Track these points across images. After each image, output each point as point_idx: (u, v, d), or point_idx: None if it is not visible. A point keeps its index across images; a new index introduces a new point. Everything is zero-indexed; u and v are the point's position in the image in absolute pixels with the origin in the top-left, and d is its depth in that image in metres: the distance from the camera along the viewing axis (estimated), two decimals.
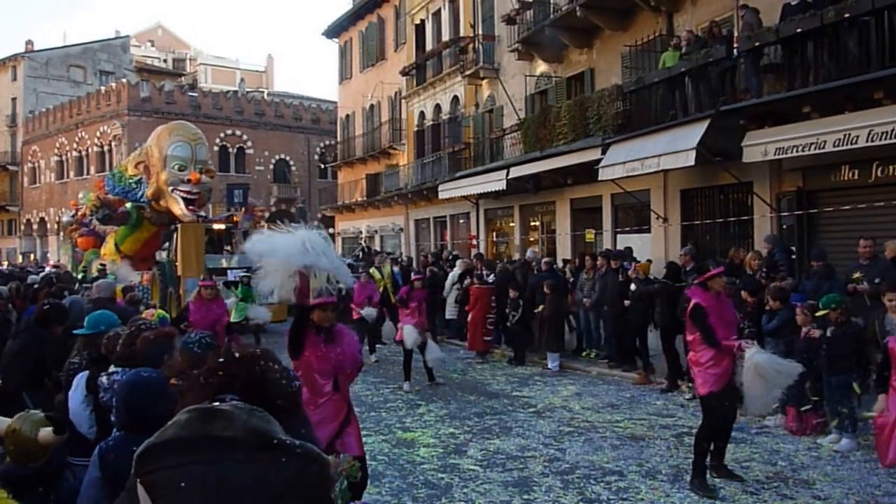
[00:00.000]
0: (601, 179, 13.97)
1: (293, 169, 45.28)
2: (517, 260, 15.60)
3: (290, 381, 1.89)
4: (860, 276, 8.19)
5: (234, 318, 12.67)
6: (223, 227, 18.50)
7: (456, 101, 23.24)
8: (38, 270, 21.64)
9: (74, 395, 4.19)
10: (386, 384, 10.91)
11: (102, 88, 43.49)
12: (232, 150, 43.08)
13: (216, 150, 39.34)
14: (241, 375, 1.75)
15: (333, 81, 34.24)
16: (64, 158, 45.34)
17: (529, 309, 12.47)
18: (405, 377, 10.65)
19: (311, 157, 45.55)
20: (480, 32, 20.98)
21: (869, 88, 9.48)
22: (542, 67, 18.48)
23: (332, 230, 34.29)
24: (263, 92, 53.70)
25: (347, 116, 32.28)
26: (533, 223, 19.77)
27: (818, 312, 7.45)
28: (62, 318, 5.74)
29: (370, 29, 29.70)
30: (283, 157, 44.94)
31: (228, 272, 14.71)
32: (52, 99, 47.12)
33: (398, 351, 11.45)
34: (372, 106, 29.67)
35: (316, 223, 4.34)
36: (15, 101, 49.09)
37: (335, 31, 32.50)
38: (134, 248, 17.94)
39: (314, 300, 4.91)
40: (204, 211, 18.87)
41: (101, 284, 9.02)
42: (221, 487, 1.57)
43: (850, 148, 9.36)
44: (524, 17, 18.00)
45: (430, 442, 7.69)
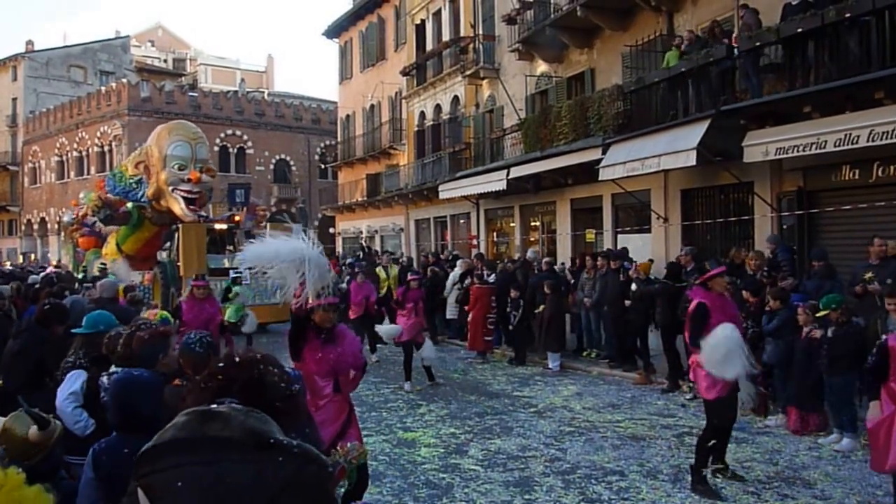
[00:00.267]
0: (602, 179, 13.96)
1: (293, 169, 45.27)
2: (518, 260, 15.60)
3: (289, 384, 1.90)
4: (871, 276, 8.08)
5: (229, 317, 12.66)
6: (225, 226, 18.47)
7: (456, 101, 23.23)
8: (39, 270, 21.61)
9: (61, 390, 4.20)
10: (387, 384, 10.91)
11: (103, 88, 43.48)
12: (232, 150, 43.09)
13: (216, 150, 39.34)
14: (238, 379, 1.75)
15: (334, 81, 34.30)
16: (64, 158, 45.34)
17: (530, 309, 12.48)
18: (406, 377, 10.66)
19: (311, 157, 45.55)
20: (481, 32, 20.97)
21: (870, 88, 9.48)
22: (542, 67, 18.47)
23: (332, 230, 34.32)
24: (264, 92, 53.71)
25: (348, 116, 32.28)
26: (533, 223, 19.76)
27: (819, 313, 7.45)
28: (63, 318, 5.74)
29: (370, 29, 29.70)
30: (283, 157, 44.94)
31: (231, 272, 14.66)
32: (52, 99, 47.13)
33: (399, 351, 11.46)
34: (372, 106, 29.67)
35: (314, 238, 4.21)
36: (15, 101, 49.10)
37: (335, 31, 32.49)
38: (135, 247, 17.92)
39: (316, 301, 4.93)
40: (205, 211, 18.82)
41: (104, 284, 8.98)
42: (218, 487, 1.57)
43: (850, 148, 9.35)
44: (524, 16, 17.99)
45: (431, 442, 7.69)
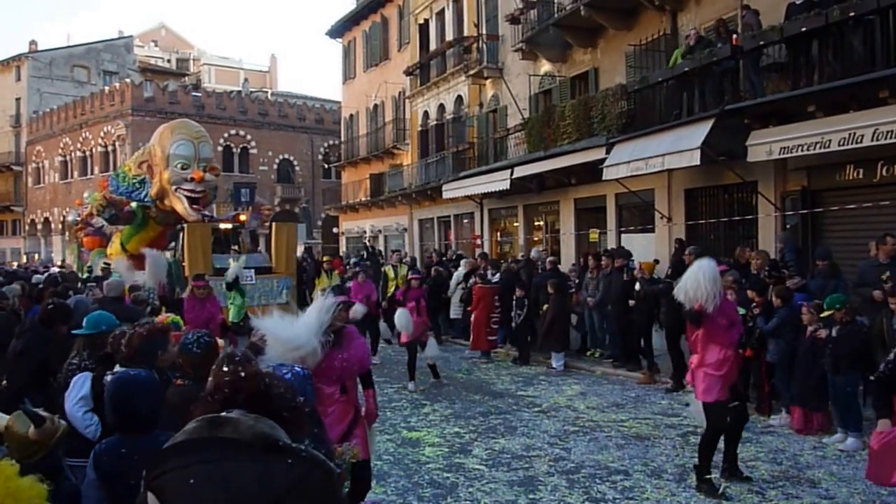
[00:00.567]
0: (605, 179, 13.96)
1: (297, 169, 45.31)
2: (522, 259, 15.59)
3: (294, 395, 1.97)
4: (888, 276, 7.83)
5: (232, 318, 12.66)
6: (230, 226, 18.46)
7: (460, 100, 23.23)
8: (42, 270, 21.66)
9: (70, 395, 4.19)
10: (390, 384, 10.91)
11: (106, 88, 43.56)
12: (236, 150, 43.15)
13: (220, 150, 39.38)
14: (244, 390, 1.79)
15: (337, 81, 34.26)
16: (68, 158, 45.44)
17: (534, 308, 12.47)
18: (410, 377, 10.65)
19: (314, 157, 45.59)
20: (484, 32, 20.96)
21: (874, 87, 9.47)
22: (546, 67, 18.47)
23: (336, 230, 34.34)
24: (267, 92, 53.77)
25: (351, 116, 32.29)
26: (537, 223, 19.75)
27: (823, 313, 7.43)
28: (66, 317, 5.74)
29: (374, 29, 29.71)
30: (286, 157, 44.98)
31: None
32: (55, 99, 47.24)
33: (402, 351, 11.45)
34: (376, 106, 29.68)
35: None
36: (19, 101, 49.21)
37: (339, 30, 32.50)
38: (140, 247, 17.82)
39: None
40: (209, 210, 18.80)
41: (110, 283, 8.95)
42: (229, 485, 1.59)
43: (854, 147, 9.34)
44: (528, 16, 17.99)
45: (435, 441, 7.69)
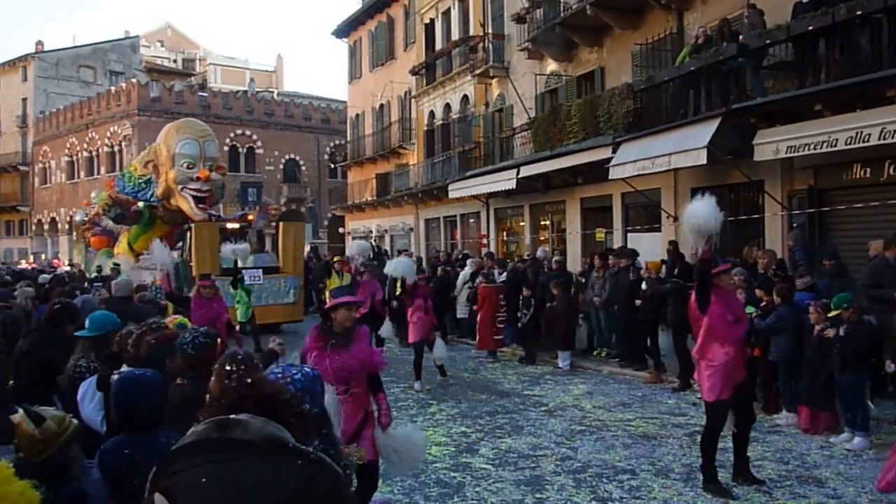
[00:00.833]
0: (612, 178, 13.95)
1: (303, 169, 45.37)
2: (528, 258, 15.59)
3: (300, 402, 2.06)
4: None
5: (239, 318, 12.70)
6: (237, 226, 18.51)
7: (466, 100, 23.23)
8: (50, 271, 21.77)
9: (86, 400, 4.19)
10: (396, 383, 10.92)
11: (112, 89, 43.70)
12: (242, 150, 43.22)
13: (226, 150, 39.48)
14: (251, 396, 1.83)
15: (343, 81, 34.36)
16: (74, 159, 45.59)
17: (540, 308, 12.46)
18: (416, 376, 10.66)
19: (320, 156, 45.64)
20: (490, 31, 20.96)
21: (881, 86, 9.45)
22: (552, 66, 18.46)
23: (342, 229, 34.38)
24: (273, 92, 53.85)
25: (357, 116, 32.32)
26: (543, 222, 19.75)
27: (831, 313, 7.41)
28: (73, 317, 5.76)
29: (379, 28, 29.73)
30: (293, 156, 45.05)
31: (244, 272, 14.64)
32: (62, 99, 47.41)
33: (408, 350, 11.47)
34: (382, 105, 29.70)
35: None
36: (25, 101, 49.41)
37: (344, 30, 32.55)
38: (147, 246, 17.96)
39: (336, 300, 4.94)
40: (216, 210, 18.85)
41: (119, 283, 8.96)
42: (240, 484, 1.60)
43: (862, 146, 9.32)
44: (534, 15, 17.99)
45: (441, 441, 7.70)
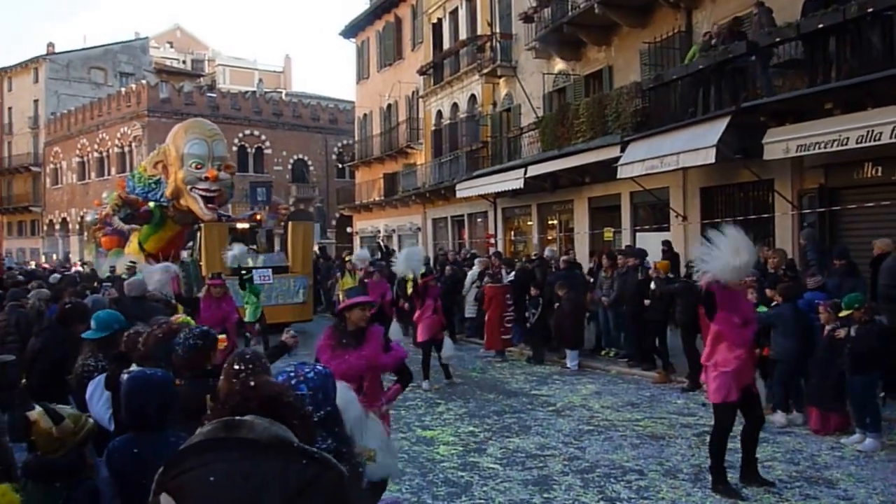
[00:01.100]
0: (620, 178, 13.91)
1: (311, 169, 45.47)
2: (535, 257, 15.55)
3: (303, 404, 2.05)
4: None
5: (248, 318, 12.72)
6: (247, 225, 18.55)
7: (473, 99, 23.21)
8: (62, 270, 21.90)
9: (95, 399, 4.21)
10: None
11: (122, 90, 43.93)
12: (250, 150, 43.35)
13: (235, 150, 39.61)
14: (254, 399, 1.84)
15: (351, 81, 34.36)
16: (85, 159, 45.85)
17: (548, 308, 12.42)
18: (424, 376, 10.64)
19: (328, 156, 45.73)
20: (498, 31, 20.95)
21: (892, 84, 9.36)
22: (559, 65, 18.42)
23: (350, 229, 34.43)
24: (281, 92, 54.00)
25: (365, 116, 32.36)
26: (551, 222, 19.71)
27: (842, 313, 7.35)
28: (84, 316, 5.79)
29: (387, 28, 29.76)
30: (301, 156, 45.15)
31: (254, 272, 14.67)
32: (73, 100, 47.71)
33: (416, 350, 11.45)
34: (389, 105, 29.72)
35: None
36: (37, 102, 49.78)
37: (352, 30, 32.60)
38: (158, 246, 18.02)
39: (350, 300, 4.86)
40: (225, 210, 18.89)
41: (132, 283, 8.98)
42: (249, 482, 1.61)
43: (873, 144, 9.26)
44: (542, 14, 17.95)
45: (449, 440, 7.69)
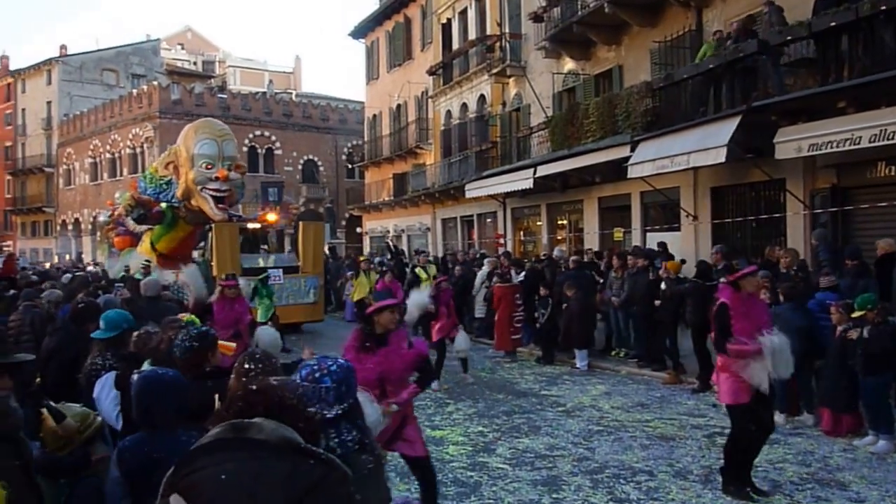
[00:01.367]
0: (630, 177, 13.86)
1: (321, 169, 45.59)
2: (545, 257, 15.53)
3: (306, 407, 2.04)
4: None
5: (260, 317, 12.76)
6: (258, 226, 18.60)
7: (483, 99, 23.20)
8: (74, 270, 22.07)
9: (104, 397, 4.23)
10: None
11: (134, 91, 44.19)
12: (261, 150, 43.51)
13: (245, 150, 39.76)
14: (259, 404, 1.84)
15: (360, 82, 34.42)
16: (97, 160, 46.18)
17: (558, 308, 12.40)
18: (435, 376, 10.63)
19: (338, 157, 45.84)
20: (507, 31, 20.92)
21: None
22: (569, 65, 18.38)
23: (359, 229, 34.49)
24: (291, 93, 54.17)
25: (374, 116, 32.41)
26: (560, 222, 19.67)
27: (854, 313, 7.30)
28: (96, 316, 5.83)
29: (397, 29, 29.79)
30: (311, 157, 45.28)
31: (269, 272, 14.66)
32: (85, 102, 48.07)
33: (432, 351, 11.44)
34: (399, 106, 29.75)
35: None
36: (50, 104, 50.20)
37: (362, 31, 32.65)
38: (170, 246, 18.08)
39: (379, 304, 4.97)
40: (235, 210, 18.94)
41: (147, 283, 9.02)
42: (259, 481, 1.63)
43: (886, 144, 9.17)
44: (551, 14, 17.93)
45: (458, 440, 7.69)
